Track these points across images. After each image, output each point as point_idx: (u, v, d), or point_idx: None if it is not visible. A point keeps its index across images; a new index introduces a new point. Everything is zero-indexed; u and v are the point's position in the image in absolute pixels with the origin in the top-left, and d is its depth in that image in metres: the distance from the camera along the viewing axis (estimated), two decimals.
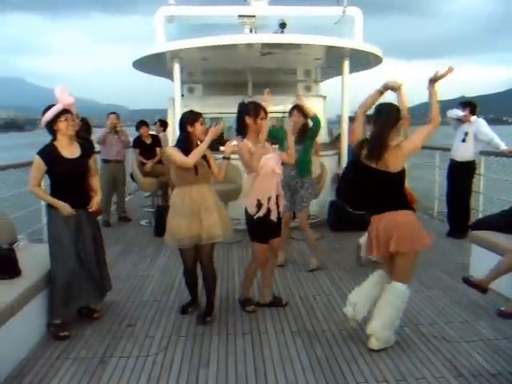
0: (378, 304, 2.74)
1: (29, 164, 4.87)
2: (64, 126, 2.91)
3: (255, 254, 3.34)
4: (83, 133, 4.62)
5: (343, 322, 3.11)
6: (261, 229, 3.21)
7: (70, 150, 2.99)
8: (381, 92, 2.80)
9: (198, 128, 3.08)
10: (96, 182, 3.27)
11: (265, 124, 3.25)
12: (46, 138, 3.06)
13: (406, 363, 2.57)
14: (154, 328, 3.10)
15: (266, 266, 3.40)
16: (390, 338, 2.73)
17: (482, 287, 3.35)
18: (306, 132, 4.32)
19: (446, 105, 2.72)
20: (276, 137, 4.02)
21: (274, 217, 3.21)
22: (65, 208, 2.94)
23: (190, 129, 3.07)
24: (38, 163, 2.93)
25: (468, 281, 3.44)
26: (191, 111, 3.15)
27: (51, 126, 2.93)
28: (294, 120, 4.23)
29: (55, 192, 2.99)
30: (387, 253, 2.69)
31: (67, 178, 2.97)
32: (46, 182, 3.23)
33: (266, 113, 3.28)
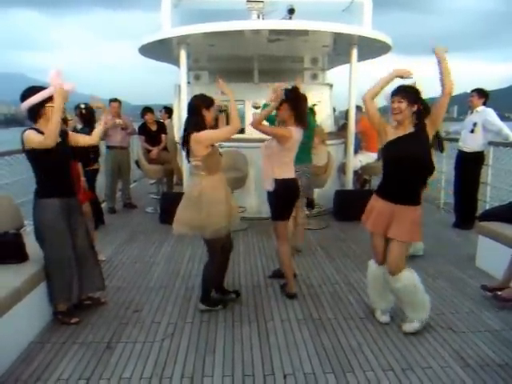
0: (399, 299, 2.85)
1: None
2: (50, 112, 2.70)
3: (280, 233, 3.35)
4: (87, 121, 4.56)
5: (349, 311, 3.12)
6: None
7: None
8: (390, 79, 2.74)
9: (212, 113, 3.00)
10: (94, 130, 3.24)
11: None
12: None
13: (413, 353, 2.57)
14: (160, 314, 3.11)
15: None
16: (425, 318, 2.81)
17: (504, 289, 3.24)
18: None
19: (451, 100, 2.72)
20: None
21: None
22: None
23: (205, 112, 2.96)
24: (34, 133, 2.72)
25: (487, 288, 3.32)
26: (204, 95, 3.04)
27: (37, 110, 2.73)
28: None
29: (44, 182, 2.85)
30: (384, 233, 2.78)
31: (56, 164, 2.84)
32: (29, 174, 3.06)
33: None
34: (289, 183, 3.27)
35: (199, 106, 2.97)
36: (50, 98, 2.71)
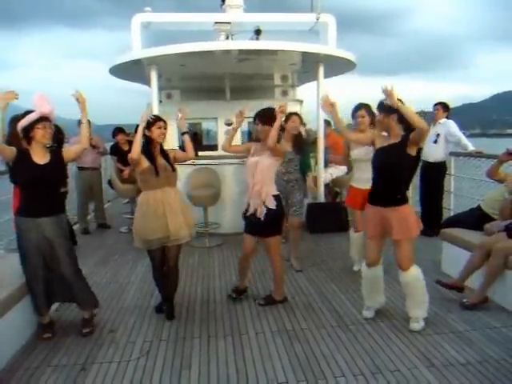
0: (409, 296, 3.08)
1: (2, 172, 4.81)
2: (40, 134, 2.85)
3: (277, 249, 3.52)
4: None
5: (321, 320, 3.22)
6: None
7: (41, 157, 2.91)
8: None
9: (154, 132, 3.20)
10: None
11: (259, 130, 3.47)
12: None
13: (381, 356, 2.68)
14: (135, 333, 3.12)
15: (245, 257, 3.60)
16: (425, 313, 3.07)
17: (457, 287, 3.53)
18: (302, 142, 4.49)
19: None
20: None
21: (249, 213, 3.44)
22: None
23: (147, 133, 3.20)
24: (11, 147, 2.86)
25: (442, 283, 3.58)
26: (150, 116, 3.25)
27: (27, 133, 2.86)
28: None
29: (22, 197, 2.94)
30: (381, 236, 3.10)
31: (33, 184, 2.87)
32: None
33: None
34: (279, 197, 3.48)
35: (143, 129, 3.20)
36: (38, 121, 2.83)
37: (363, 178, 3.72)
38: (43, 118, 2.85)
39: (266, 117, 3.42)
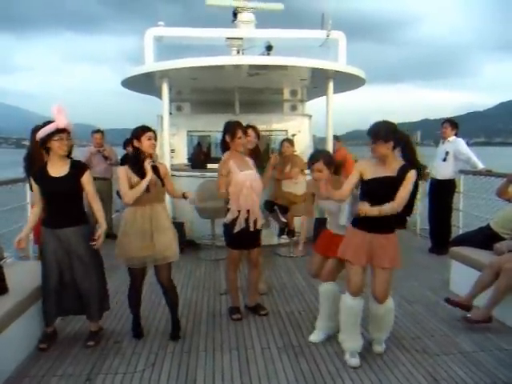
0: (377, 324, 2.93)
1: (13, 181, 4.92)
2: (56, 146, 2.89)
3: (227, 259, 3.62)
4: None
5: (329, 337, 3.18)
6: (233, 236, 3.47)
7: (57, 169, 2.96)
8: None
9: (144, 143, 3.04)
10: (98, 211, 3.10)
11: (242, 142, 3.49)
12: (11, 158, 3.10)
13: (389, 377, 2.64)
14: (140, 344, 3.11)
15: (235, 271, 3.64)
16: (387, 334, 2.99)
17: (465, 305, 3.45)
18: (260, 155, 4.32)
19: (410, 127, 2.85)
20: None
21: (251, 228, 3.44)
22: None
23: (136, 144, 3.07)
24: (32, 182, 3.03)
25: (450, 301, 3.51)
26: (139, 126, 3.13)
27: (44, 144, 2.94)
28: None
29: (46, 208, 3.00)
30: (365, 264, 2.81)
31: (50, 196, 2.95)
32: None
33: (244, 132, 3.55)
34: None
35: (130, 139, 3.15)
36: (54, 133, 2.88)
37: (335, 224, 3.21)
38: (60, 130, 2.89)
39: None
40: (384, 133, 2.69)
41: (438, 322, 3.42)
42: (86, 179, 3.03)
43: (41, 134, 2.90)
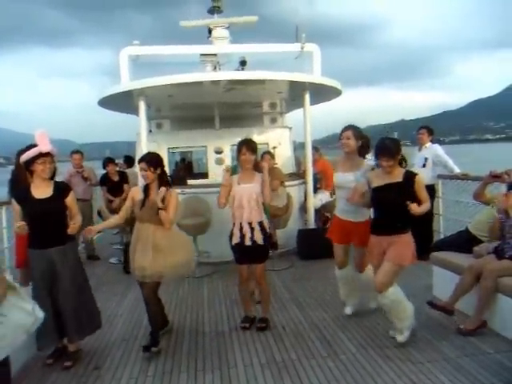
0: (389, 314, 3.20)
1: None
2: (40, 169, 2.98)
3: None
4: None
5: (311, 350, 3.15)
6: (234, 251, 3.59)
7: (42, 191, 3.03)
8: None
9: (37, 167, 2.99)
10: (76, 220, 3.14)
11: (247, 159, 3.50)
12: None
13: None
14: (121, 369, 3.03)
15: (245, 285, 3.69)
16: (411, 324, 3.15)
17: (447, 309, 3.48)
18: None
19: (386, 128, 3.17)
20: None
21: (247, 241, 3.45)
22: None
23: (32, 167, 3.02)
24: (13, 204, 3.07)
25: (433, 304, 3.55)
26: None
27: (28, 167, 3.02)
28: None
29: (29, 229, 2.98)
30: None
31: (36, 218, 2.98)
32: None
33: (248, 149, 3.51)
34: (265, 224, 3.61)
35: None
36: (38, 156, 2.95)
37: (341, 208, 3.60)
38: (44, 154, 2.97)
39: (253, 147, 3.55)
40: (395, 150, 3.09)
41: (421, 329, 3.39)
42: (71, 200, 3.15)
43: (24, 157, 2.98)
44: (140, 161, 3.32)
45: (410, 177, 3.12)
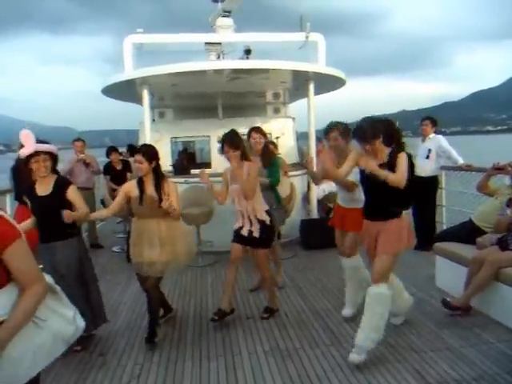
0: (364, 312, 2.87)
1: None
2: (35, 167, 3.03)
3: None
4: None
5: (315, 339, 3.18)
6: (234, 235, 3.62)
7: (43, 187, 3.11)
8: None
9: (33, 166, 3.04)
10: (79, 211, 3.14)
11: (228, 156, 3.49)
12: None
13: (376, 376, 2.64)
14: (126, 356, 3.06)
15: (233, 267, 3.57)
16: (370, 346, 2.78)
17: (463, 308, 3.41)
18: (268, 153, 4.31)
19: (390, 117, 3.08)
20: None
21: (244, 232, 3.52)
22: None
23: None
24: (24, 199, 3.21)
25: (447, 304, 3.45)
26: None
27: (26, 166, 3.08)
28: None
29: (37, 224, 3.12)
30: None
31: (38, 214, 3.09)
32: None
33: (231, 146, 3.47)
34: (270, 212, 3.64)
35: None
36: (30, 156, 2.98)
37: (341, 197, 3.65)
38: (35, 153, 2.98)
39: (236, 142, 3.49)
40: (371, 133, 2.81)
41: (424, 319, 3.42)
42: (71, 194, 3.13)
43: (22, 157, 3.05)
44: (136, 152, 3.29)
45: (394, 155, 2.84)
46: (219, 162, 6.49)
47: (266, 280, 3.69)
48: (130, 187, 3.29)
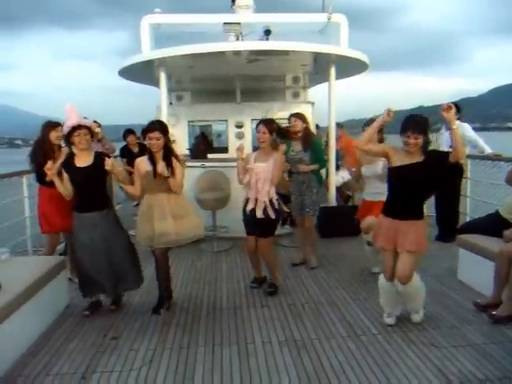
0: (407, 298, 3.10)
1: (9, 175, 4.90)
2: (77, 141, 3.29)
3: None
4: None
5: (331, 330, 3.09)
6: (245, 223, 3.80)
7: (83, 160, 3.33)
8: (379, 126, 3.11)
9: (74, 140, 3.32)
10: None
11: (258, 137, 3.70)
12: (4, 157, 3.17)
13: (394, 370, 2.54)
14: (138, 340, 3.03)
15: (252, 255, 3.84)
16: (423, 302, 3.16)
17: (495, 305, 3.22)
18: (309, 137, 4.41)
19: (406, 114, 3.01)
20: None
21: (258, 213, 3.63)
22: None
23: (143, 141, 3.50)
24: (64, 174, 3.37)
25: (479, 305, 3.30)
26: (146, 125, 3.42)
27: (67, 139, 3.37)
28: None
29: (76, 194, 3.34)
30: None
31: (79, 185, 3.30)
32: None
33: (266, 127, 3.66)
34: (279, 201, 3.78)
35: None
36: (73, 129, 3.26)
37: (370, 192, 3.96)
38: (78, 127, 3.26)
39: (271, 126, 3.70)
40: (425, 126, 2.88)
41: (445, 313, 3.29)
42: (112, 163, 3.29)
43: (65, 130, 3.32)
44: (152, 130, 3.31)
45: (431, 155, 2.93)
46: (236, 147, 6.40)
47: (269, 264, 3.84)
48: (141, 163, 3.40)
